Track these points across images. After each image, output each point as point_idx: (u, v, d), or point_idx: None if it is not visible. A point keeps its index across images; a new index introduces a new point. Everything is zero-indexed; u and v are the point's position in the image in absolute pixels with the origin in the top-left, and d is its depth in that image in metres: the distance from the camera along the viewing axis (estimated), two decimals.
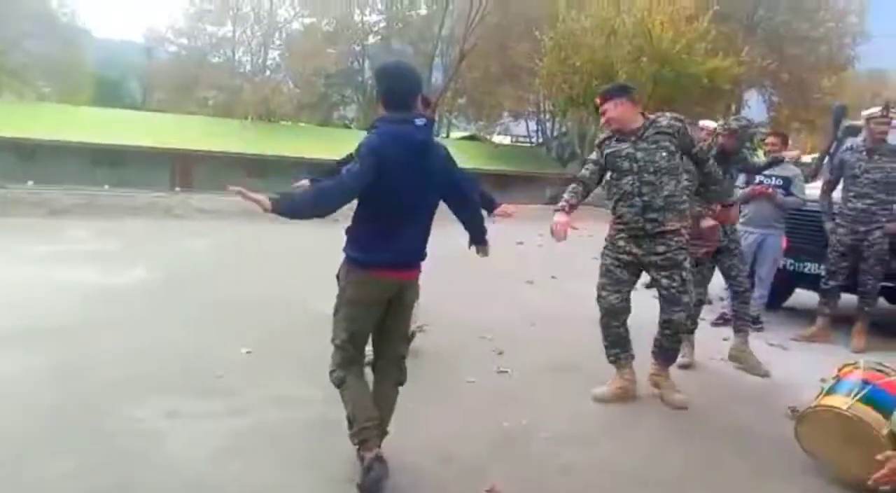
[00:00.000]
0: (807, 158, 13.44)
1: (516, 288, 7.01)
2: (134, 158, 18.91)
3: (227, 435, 3.19)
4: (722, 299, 6.25)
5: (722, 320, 5.98)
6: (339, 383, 2.87)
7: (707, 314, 6.22)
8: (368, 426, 2.78)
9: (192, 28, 30.96)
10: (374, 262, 2.77)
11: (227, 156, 19.89)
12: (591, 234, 4.91)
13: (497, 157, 25.07)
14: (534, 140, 29.91)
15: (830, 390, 3.19)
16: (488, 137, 32.23)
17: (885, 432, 2.82)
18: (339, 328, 2.87)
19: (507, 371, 4.38)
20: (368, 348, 3.01)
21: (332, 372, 2.89)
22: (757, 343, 5.49)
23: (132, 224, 9.85)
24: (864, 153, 5.47)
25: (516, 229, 11.63)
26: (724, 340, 5.54)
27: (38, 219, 9.63)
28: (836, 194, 5.68)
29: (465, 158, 23.92)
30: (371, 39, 31.11)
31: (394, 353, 3.02)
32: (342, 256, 2.89)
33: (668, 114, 3.94)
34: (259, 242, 8.89)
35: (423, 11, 29.06)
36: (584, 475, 3.07)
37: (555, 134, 28.15)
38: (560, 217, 3.85)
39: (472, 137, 30.56)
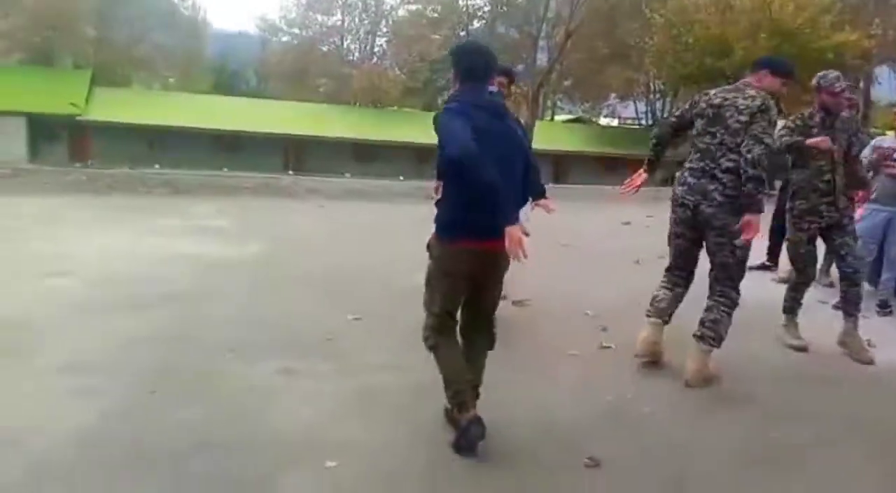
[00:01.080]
0: None
1: (623, 267, 6.84)
2: (251, 143, 19.85)
3: (335, 395, 3.30)
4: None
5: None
6: (433, 348, 2.93)
7: (829, 297, 5.87)
8: (463, 389, 2.83)
9: (304, 18, 32.05)
10: (463, 233, 2.78)
11: (336, 141, 20.51)
12: None
13: (605, 139, 24.55)
14: (643, 122, 29.00)
15: None
16: (594, 119, 31.56)
17: None
18: (432, 297, 2.92)
19: (610, 346, 4.29)
20: None
21: (426, 338, 2.95)
22: (885, 326, 5.14)
23: (248, 203, 10.34)
24: None
25: (624, 210, 11.41)
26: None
27: (162, 197, 10.28)
28: None
29: (571, 141, 23.57)
30: (475, 24, 31.12)
31: (484, 319, 3.05)
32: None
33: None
34: (362, 219, 9.12)
35: None
36: (687, 452, 2.97)
37: (665, 115, 27.17)
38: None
39: (577, 120, 30.01)
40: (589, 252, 7.64)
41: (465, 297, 2.96)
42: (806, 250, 4.54)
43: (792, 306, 4.69)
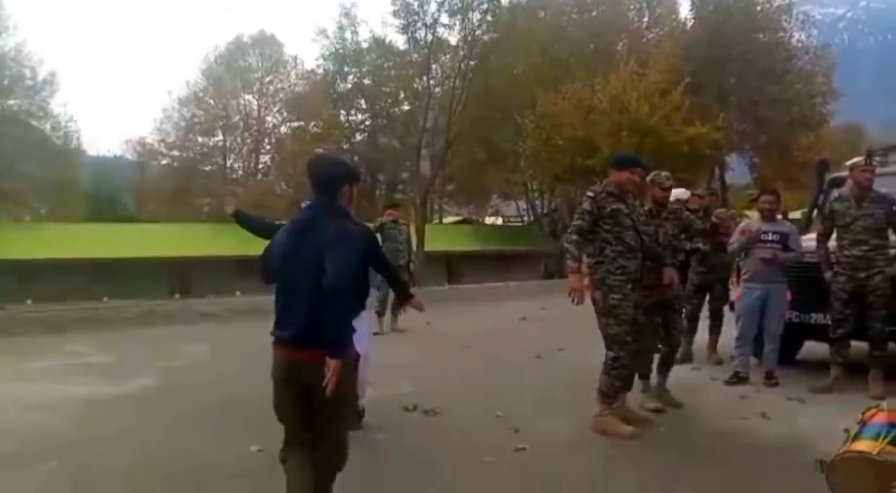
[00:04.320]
0: (796, 215, 13.66)
1: (525, 363, 6.94)
2: (132, 269, 19.05)
3: None
4: (733, 357, 6.18)
5: (736, 379, 5.91)
6: (282, 461, 2.98)
7: (721, 374, 6.17)
8: None
9: (184, 140, 31.87)
10: (275, 338, 2.93)
11: (223, 259, 20.02)
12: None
13: (491, 237, 25.37)
14: (525, 218, 30.30)
15: (857, 436, 3.12)
16: (480, 219, 32.68)
17: None
18: (275, 408, 3.00)
19: (524, 448, 4.27)
20: None
21: (280, 451, 3.01)
22: (775, 397, 5.43)
23: (133, 334, 9.78)
24: (853, 201, 5.57)
25: (519, 305, 11.71)
26: (742, 398, 5.48)
27: (37, 336, 9.55)
28: (831, 244, 5.73)
29: (461, 242, 24.21)
30: (357, 137, 32.03)
31: (325, 435, 2.96)
32: None
33: None
34: (259, 340, 8.82)
35: (406, 107, 30.00)
36: None
37: (545, 211, 28.55)
38: (574, 281, 4.23)
39: (464, 221, 30.97)
40: (491, 351, 7.71)
41: (302, 409, 2.91)
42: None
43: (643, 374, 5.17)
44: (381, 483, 3.72)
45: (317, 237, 2.84)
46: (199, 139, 31.95)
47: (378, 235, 9.21)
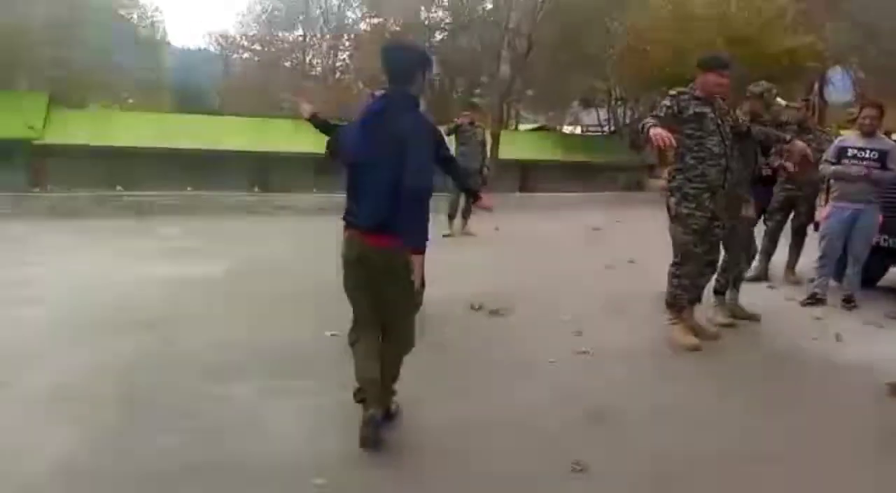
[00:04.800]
0: None
1: (595, 272, 6.93)
2: (214, 161, 19.61)
3: (318, 412, 3.29)
4: (812, 279, 6.00)
5: (813, 300, 5.76)
6: (351, 345, 3.10)
7: (797, 295, 6.02)
8: (368, 387, 2.96)
9: (265, 34, 31.87)
10: (348, 222, 2.99)
11: (302, 156, 20.36)
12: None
13: (568, 147, 24.79)
14: (605, 129, 29.39)
15: None
16: (558, 127, 31.90)
17: None
18: (346, 292, 3.10)
19: (587, 352, 4.34)
20: None
21: (349, 333, 3.13)
22: (851, 321, 5.30)
23: (216, 222, 10.22)
24: None
25: (593, 216, 11.56)
26: (816, 319, 5.36)
27: (127, 220, 10.11)
28: None
29: (536, 150, 23.78)
30: (438, 36, 31.26)
31: (395, 323, 3.09)
32: None
33: None
34: (334, 234, 9.08)
35: (489, 6, 28.93)
36: (669, 453, 3.02)
37: (627, 122, 27.57)
38: (656, 129, 4.03)
39: (541, 129, 30.30)
40: (561, 259, 7.72)
41: (371, 293, 3.01)
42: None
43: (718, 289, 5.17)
44: (445, 376, 3.87)
45: (394, 126, 2.86)
46: (279, 34, 31.88)
47: (452, 137, 9.19)
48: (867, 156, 5.57)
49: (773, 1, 18.88)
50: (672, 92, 4.43)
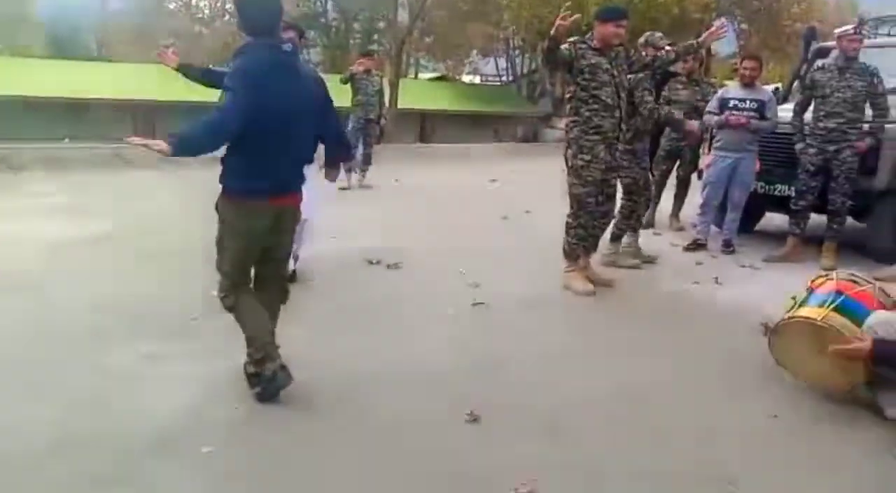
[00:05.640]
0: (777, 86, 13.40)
1: (491, 224, 6.99)
2: (95, 110, 18.31)
3: (205, 378, 3.15)
4: (695, 225, 6.29)
5: (695, 245, 6.04)
6: (231, 306, 2.96)
7: (681, 241, 6.29)
8: (269, 341, 2.91)
9: None
10: (254, 190, 2.81)
11: (190, 104, 19.33)
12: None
13: (468, 97, 24.72)
14: (504, 78, 29.48)
15: (803, 302, 3.23)
16: (457, 76, 31.69)
17: (856, 337, 2.89)
18: (225, 257, 2.93)
19: (484, 302, 4.38)
20: None
21: (223, 298, 2.97)
22: (730, 264, 5.60)
23: (96, 176, 9.59)
24: (836, 72, 5.45)
25: (491, 167, 11.64)
26: (698, 264, 5.63)
27: None
28: (807, 116, 5.67)
29: (437, 100, 23.59)
30: None
31: (278, 274, 3.14)
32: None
33: None
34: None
35: None
36: (563, 397, 3.10)
37: (524, 72, 27.74)
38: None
39: (441, 78, 30.02)
40: (458, 211, 7.73)
41: (258, 254, 2.97)
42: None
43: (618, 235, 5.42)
44: (340, 332, 3.82)
45: (302, 83, 2.88)
46: None
47: (349, 86, 8.92)
48: (747, 106, 5.81)
49: None
50: (571, 39, 4.43)
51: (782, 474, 2.55)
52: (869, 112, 5.45)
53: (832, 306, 3.04)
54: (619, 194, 5.19)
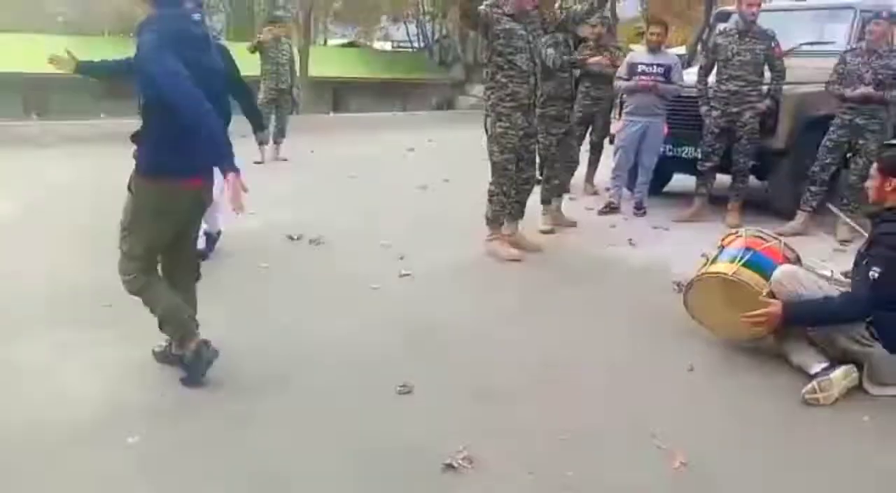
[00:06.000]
0: (680, 50, 13.85)
1: (411, 194, 6.97)
2: None
3: (122, 365, 3.04)
4: (608, 189, 6.47)
5: (608, 209, 6.22)
6: (140, 289, 2.84)
7: (595, 205, 6.47)
8: (187, 319, 2.84)
9: None
10: (171, 170, 2.67)
11: (83, 78, 18.22)
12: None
13: (380, 64, 24.40)
14: (415, 45, 29.20)
15: (715, 259, 3.40)
16: (368, 43, 31.16)
17: (765, 292, 3.07)
18: (136, 239, 2.78)
19: (409, 274, 4.39)
20: None
21: (129, 282, 2.84)
22: (642, 226, 5.80)
23: None
24: (737, 36, 5.66)
25: (406, 136, 11.56)
26: (612, 227, 5.80)
27: None
28: (711, 79, 5.88)
29: (347, 67, 23.16)
30: None
31: (191, 253, 3.08)
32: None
33: None
34: (127, 165, 8.31)
35: None
36: (492, 364, 3.17)
37: (436, 37, 27.55)
38: None
39: (351, 44, 29.46)
40: (376, 182, 7.66)
41: (172, 236, 2.87)
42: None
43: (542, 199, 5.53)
44: (265, 310, 3.75)
45: (212, 56, 2.77)
46: None
47: (257, 56, 8.62)
48: (654, 71, 5.98)
49: None
50: (487, 2, 4.42)
51: (701, 425, 2.70)
52: (768, 75, 5.71)
53: (742, 262, 3.21)
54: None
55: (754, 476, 2.36)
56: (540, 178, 5.45)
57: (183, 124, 2.50)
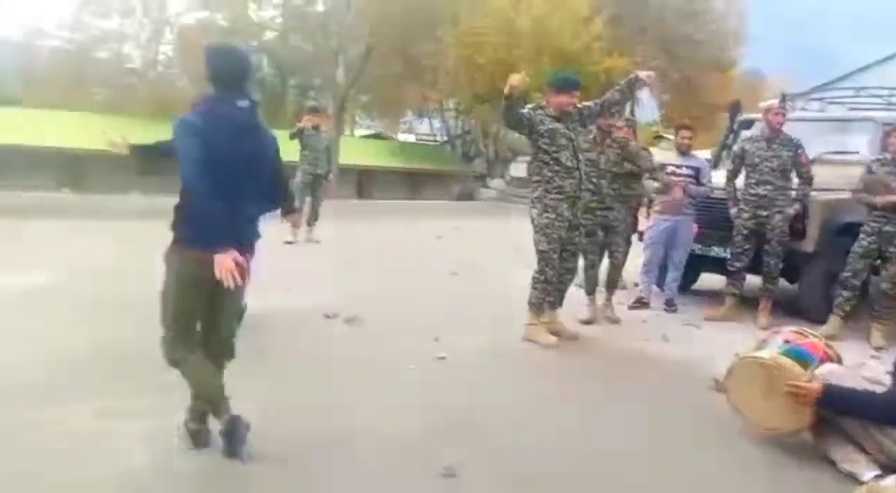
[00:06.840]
0: (705, 153, 14.22)
1: (442, 279, 7.07)
2: (17, 158, 17.63)
3: (166, 433, 3.03)
4: (637, 284, 6.53)
5: (639, 304, 6.26)
6: (178, 363, 2.89)
7: (625, 299, 6.51)
8: (220, 395, 2.84)
9: (76, 21, 29.17)
10: (197, 243, 2.77)
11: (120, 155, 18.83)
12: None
13: (404, 154, 25.10)
14: (437, 138, 30.14)
15: (756, 350, 3.41)
16: (393, 135, 32.18)
17: (805, 378, 3.06)
18: (166, 307, 2.87)
19: (444, 357, 4.41)
20: None
21: (167, 352, 2.90)
22: (673, 322, 5.81)
23: (24, 225, 9.19)
24: (764, 143, 5.87)
25: (432, 223, 11.79)
26: (643, 322, 5.83)
27: None
28: (738, 182, 6.05)
29: (373, 156, 23.85)
30: (268, 35, 30.30)
31: (226, 331, 3.05)
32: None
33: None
34: (160, 239, 8.51)
35: (320, 8, 28.53)
36: (535, 452, 3.14)
37: (459, 132, 28.45)
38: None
39: (377, 136, 30.43)
40: (407, 266, 7.78)
41: (204, 308, 2.91)
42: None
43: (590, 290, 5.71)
44: (305, 388, 3.76)
45: (257, 143, 2.90)
46: (93, 21, 29.29)
47: (298, 141, 8.97)
48: (684, 172, 6.17)
49: (589, 25, 20.48)
50: (529, 106, 4.68)
51: None
52: (795, 180, 5.87)
53: (782, 351, 3.24)
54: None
55: None
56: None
57: (214, 196, 2.68)
